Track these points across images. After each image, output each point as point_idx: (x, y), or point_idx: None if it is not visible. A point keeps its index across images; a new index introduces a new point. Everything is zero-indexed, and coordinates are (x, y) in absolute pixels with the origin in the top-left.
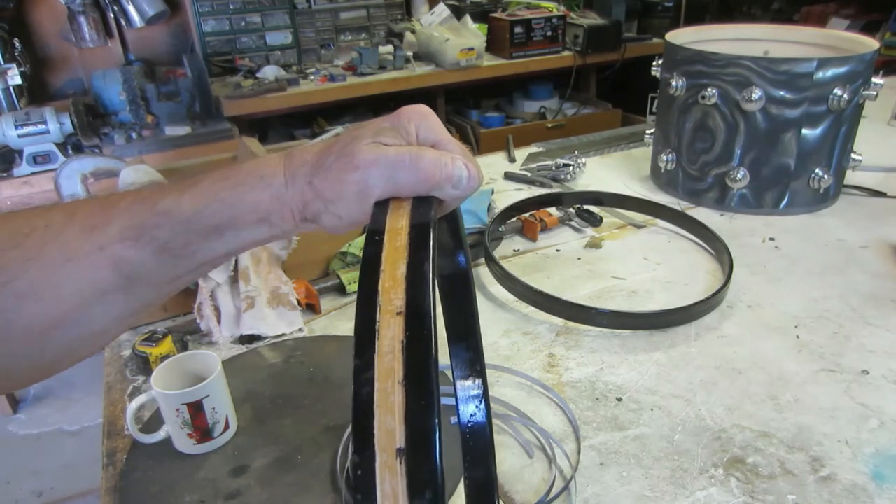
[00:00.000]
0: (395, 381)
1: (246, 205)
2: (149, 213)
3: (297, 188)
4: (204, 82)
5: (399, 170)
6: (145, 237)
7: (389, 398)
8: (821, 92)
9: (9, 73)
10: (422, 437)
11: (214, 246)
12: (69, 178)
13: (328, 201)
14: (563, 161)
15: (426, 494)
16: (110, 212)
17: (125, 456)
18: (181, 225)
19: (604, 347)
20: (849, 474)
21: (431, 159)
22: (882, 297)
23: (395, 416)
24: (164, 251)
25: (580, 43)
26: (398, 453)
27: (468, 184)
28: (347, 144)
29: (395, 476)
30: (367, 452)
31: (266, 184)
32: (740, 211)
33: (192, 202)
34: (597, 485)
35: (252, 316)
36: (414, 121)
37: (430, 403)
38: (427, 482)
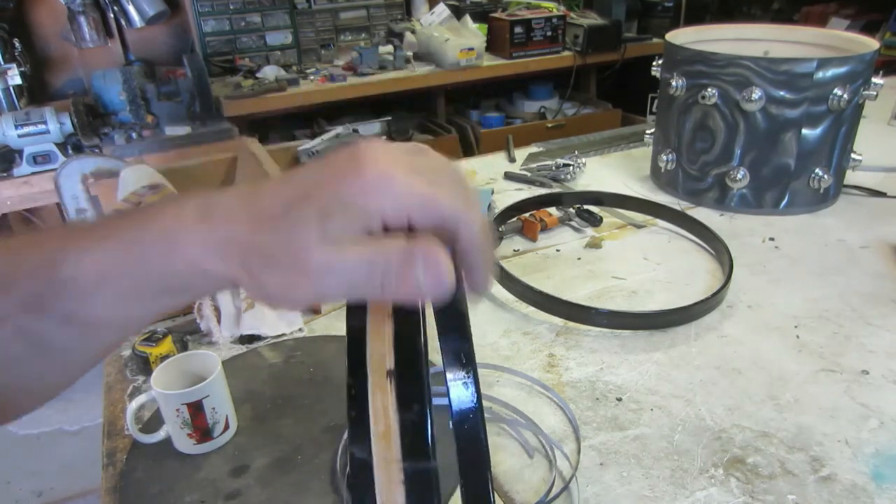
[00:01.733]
0: (386, 314)
1: (154, 276)
2: (52, 281)
3: (225, 266)
4: (204, 82)
5: (364, 287)
6: (48, 309)
7: (380, 328)
8: (821, 92)
9: (9, 73)
10: (410, 361)
11: (131, 312)
12: (69, 178)
13: (269, 294)
14: (563, 161)
15: (414, 407)
16: (15, 274)
17: (125, 456)
18: (84, 296)
19: (604, 347)
20: (849, 474)
21: (394, 278)
22: (882, 297)
23: (385, 342)
24: (71, 321)
25: (580, 43)
26: (388, 374)
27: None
28: (292, 231)
29: (385, 394)
30: (360, 373)
31: (178, 254)
32: (740, 211)
33: (92, 269)
34: (597, 485)
35: (252, 316)
36: (370, 196)
37: (418, 332)
38: (415, 397)
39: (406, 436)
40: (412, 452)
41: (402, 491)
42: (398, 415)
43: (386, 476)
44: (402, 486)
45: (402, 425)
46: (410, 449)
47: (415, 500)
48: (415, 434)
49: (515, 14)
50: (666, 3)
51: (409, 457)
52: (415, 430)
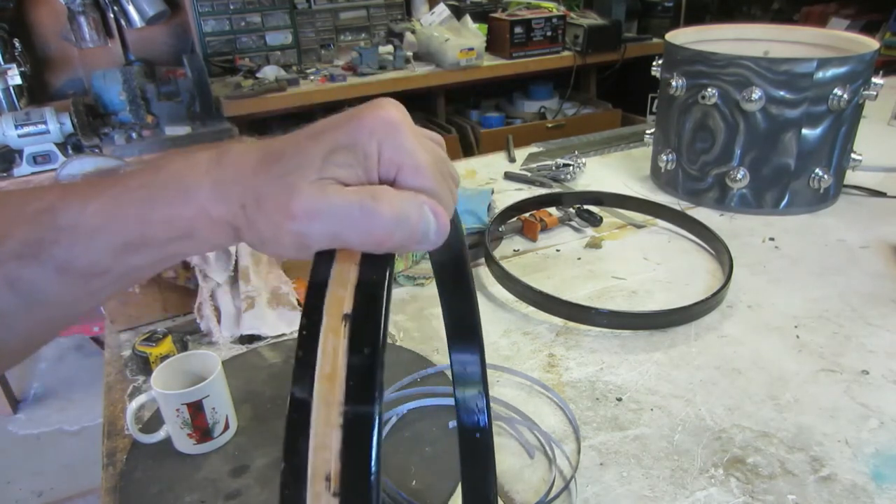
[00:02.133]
0: (353, 262)
1: (159, 220)
2: (49, 228)
3: (226, 208)
4: (204, 82)
5: (346, 227)
6: (43, 255)
7: (344, 275)
8: (821, 92)
9: (9, 73)
10: (369, 305)
11: (130, 261)
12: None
13: (263, 239)
14: (563, 161)
15: (364, 351)
16: (10, 222)
17: (125, 456)
18: (83, 243)
19: (604, 347)
20: (849, 474)
21: (388, 216)
22: (882, 297)
23: (346, 288)
24: (66, 271)
25: (580, 43)
26: (344, 318)
27: (435, 238)
28: (289, 172)
29: (337, 337)
30: (315, 316)
31: (187, 198)
32: (740, 211)
33: (96, 215)
34: (597, 485)
35: (252, 316)
36: (377, 136)
37: (383, 279)
38: (368, 341)
39: (351, 378)
40: (355, 396)
41: (339, 434)
42: (347, 358)
43: (324, 417)
44: (340, 429)
45: (349, 368)
46: (354, 392)
47: (351, 445)
48: (361, 377)
49: (515, 14)
50: (666, 3)
51: (352, 400)
52: (362, 373)
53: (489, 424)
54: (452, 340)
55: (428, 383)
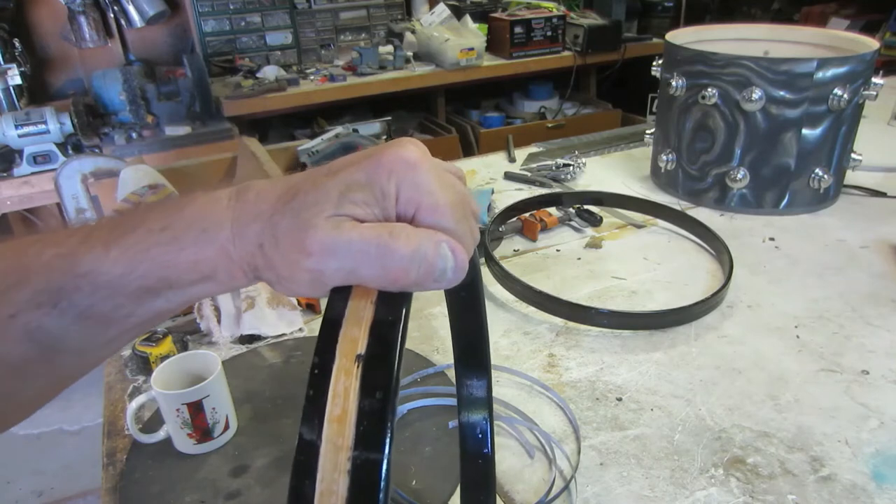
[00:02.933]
0: (369, 300)
1: (184, 263)
2: (68, 275)
3: (247, 248)
4: (204, 82)
5: (362, 263)
6: (63, 303)
7: (359, 314)
8: (821, 92)
9: (9, 73)
10: (383, 347)
11: (152, 306)
12: (69, 178)
13: (280, 277)
14: (563, 161)
15: (377, 395)
16: (27, 270)
17: (125, 456)
18: (105, 288)
19: (604, 347)
20: (849, 474)
21: (405, 253)
22: (882, 297)
23: (361, 328)
24: (87, 318)
25: (580, 43)
26: (357, 359)
27: (452, 276)
28: (305, 208)
29: (349, 377)
30: (328, 355)
31: (210, 238)
32: (740, 211)
33: (118, 260)
34: (597, 485)
35: (252, 316)
36: (395, 175)
37: (398, 320)
38: (381, 385)
39: (362, 423)
40: (365, 441)
41: (346, 481)
42: (358, 401)
43: (332, 462)
44: (348, 475)
45: (360, 411)
46: (364, 437)
47: (357, 493)
48: (372, 422)
49: (515, 14)
50: (666, 3)
51: (361, 445)
52: (373, 418)
53: (492, 451)
54: (460, 363)
55: (428, 383)
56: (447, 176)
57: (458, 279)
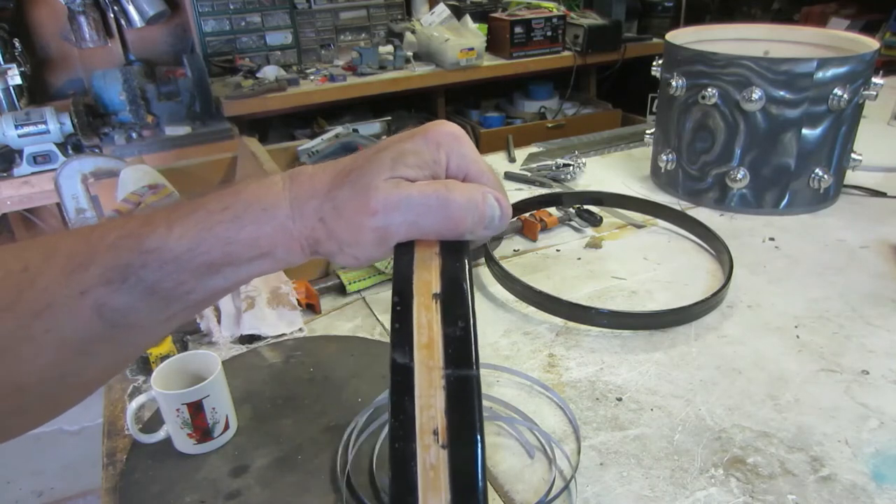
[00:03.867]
0: (434, 251)
1: (245, 240)
2: (135, 252)
3: (306, 223)
4: (204, 82)
5: (425, 215)
6: (131, 279)
7: (427, 262)
8: (821, 92)
9: (9, 73)
10: (456, 287)
11: (211, 283)
12: (69, 178)
13: (343, 243)
14: (563, 161)
15: (459, 324)
16: (93, 250)
17: (125, 456)
18: (171, 264)
19: (604, 347)
20: (849, 474)
21: (461, 202)
22: (882, 296)
23: (432, 273)
24: (153, 293)
25: (580, 43)
26: (434, 297)
27: (500, 223)
28: (363, 176)
29: (430, 312)
30: (406, 293)
31: (269, 216)
32: (740, 211)
33: (183, 238)
34: (597, 485)
35: (252, 316)
36: (444, 147)
37: (464, 266)
38: (461, 316)
39: (449, 347)
40: (455, 361)
41: (443, 395)
42: (443, 329)
43: (427, 380)
44: (444, 390)
45: (445, 338)
46: (454, 358)
47: (455, 405)
48: (458, 345)
49: (515, 14)
50: (666, 2)
51: (452, 365)
52: (459, 342)
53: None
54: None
55: None
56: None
57: (504, 226)
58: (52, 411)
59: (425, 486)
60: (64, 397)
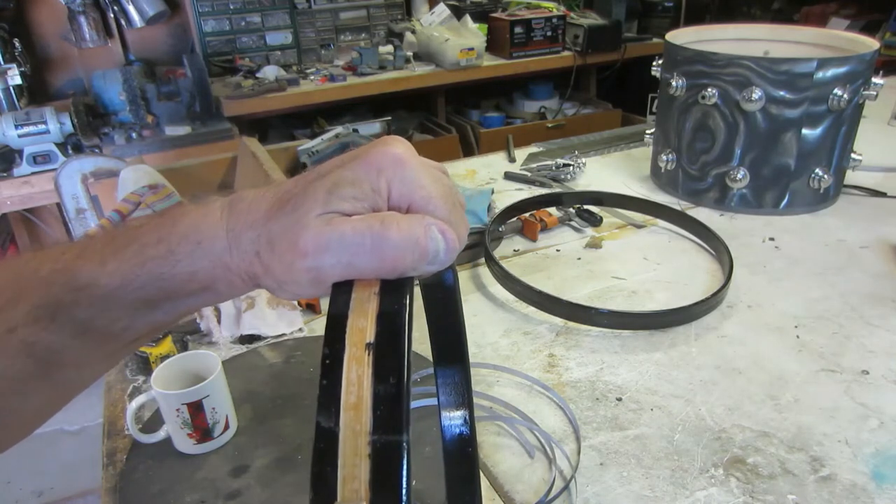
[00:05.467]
0: (372, 292)
1: (180, 275)
2: (66, 288)
3: (244, 257)
4: (204, 82)
5: (358, 255)
6: (62, 317)
7: (364, 305)
8: (821, 92)
9: (9, 73)
10: (391, 335)
11: (149, 318)
12: (69, 178)
13: (280, 282)
14: (563, 161)
15: (390, 380)
16: (24, 285)
17: (125, 456)
18: (103, 302)
19: (604, 347)
20: (849, 474)
21: (397, 240)
22: (882, 296)
23: (367, 318)
24: (86, 331)
25: (580, 43)
26: (367, 347)
27: (445, 257)
28: (297, 209)
29: (361, 366)
30: (338, 345)
31: (204, 251)
32: (740, 211)
33: (115, 274)
34: (597, 485)
35: (252, 316)
36: (385, 173)
37: (403, 309)
38: (393, 371)
39: (378, 408)
40: (383, 425)
41: (368, 464)
42: (373, 387)
43: (352, 448)
44: (369, 459)
45: (375, 397)
46: (382, 421)
47: (380, 476)
48: (388, 407)
49: (515, 14)
50: (666, 2)
51: (380, 430)
52: (388, 402)
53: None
54: (439, 363)
55: (428, 383)
56: (433, 170)
57: (450, 260)
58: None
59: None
60: (4, 434)
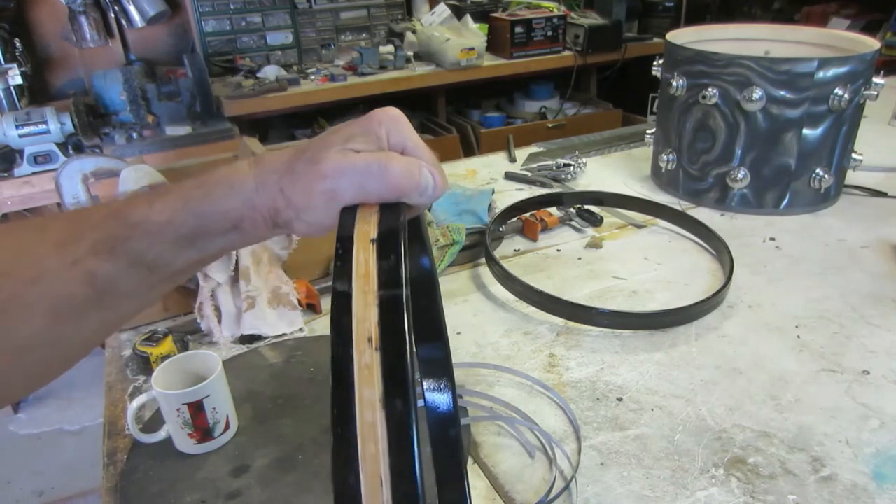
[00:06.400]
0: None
1: (217, 213)
2: (121, 226)
3: (268, 195)
4: (204, 82)
5: (367, 178)
6: (118, 250)
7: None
8: (821, 92)
9: (10, 73)
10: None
11: (186, 255)
12: (70, 178)
13: (299, 209)
14: (564, 161)
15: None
16: (82, 226)
17: (126, 456)
18: (153, 236)
19: (604, 347)
20: (849, 474)
21: (400, 168)
22: (883, 296)
23: (370, 224)
24: (137, 263)
25: (581, 43)
26: (371, 241)
27: (433, 193)
28: (317, 152)
29: (367, 253)
30: (348, 240)
31: (237, 191)
32: (741, 211)
33: (162, 212)
34: (597, 485)
35: (253, 316)
36: (385, 125)
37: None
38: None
39: (382, 274)
40: (386, 285)
41: (376, 311)
42: (377, 263)
43: (363, 302)
44: (376, 307)
45: (379, 269)
46: (385, 282)
47: (386, 317)
48: (389, 273)
49: (516, 14)
50: (666, 2)
51: (384, 287)
52: (389, 270)
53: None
54: (419, 342)
55: None
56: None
57: (437, 196)
58: (42, 377)
59: (360, 381)
60: (54, 362)
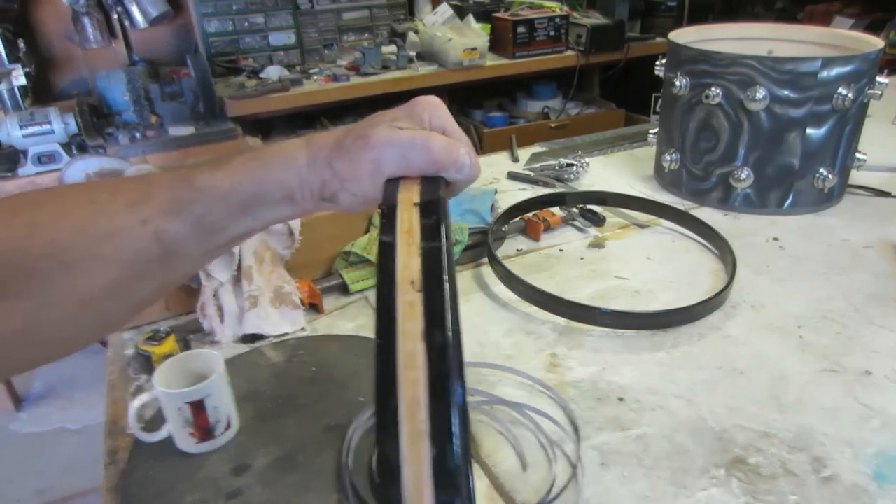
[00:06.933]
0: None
1: (274, 182)
2: (187, 189)
3: (318, 169)
4: (207, 82)
5: (411, 151)
6: (185, 211)
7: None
8: (825, 91)
9: (13, 74)
10: (432, 197)
11: (244, 222)
12: (74, 178)
13: (345, 180)
14: (567, 161)
15: (432, 217)
16: (151, 189)
17: (127, 455)
18: (217, 200)
19: (606, 347)
20: (851, 475)
21: (441, 144)
22: (886, 297)
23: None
24: (200, 225)
25: (583, 42)
26: (414, 205)
27: (469, 171)
28: (365, 129)
29: (411, 213)
30: (392, 205)
31: (291, 164)
32: (744, 211)
33: (226, 179)
34: (598, 485)
35: (255, 315)
36: (427, 110)
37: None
38: (434, 211)
39: (424, 229)
40: (428, 238)
41: (419, 260)
42: (420, 221)
43: (406, 251)
44: (419, 256)
45: (422, 226)
46: (426, 236)
47: (427, 264)
48: (431, 229)
49: (518, 14)
50: (669, 2)
51: (426, 240)
52: (432, 227)
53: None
54: None
55: None
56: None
57: (473, 174)
58: (103, 329)
59: (404, 316)
60: (114, 316)
